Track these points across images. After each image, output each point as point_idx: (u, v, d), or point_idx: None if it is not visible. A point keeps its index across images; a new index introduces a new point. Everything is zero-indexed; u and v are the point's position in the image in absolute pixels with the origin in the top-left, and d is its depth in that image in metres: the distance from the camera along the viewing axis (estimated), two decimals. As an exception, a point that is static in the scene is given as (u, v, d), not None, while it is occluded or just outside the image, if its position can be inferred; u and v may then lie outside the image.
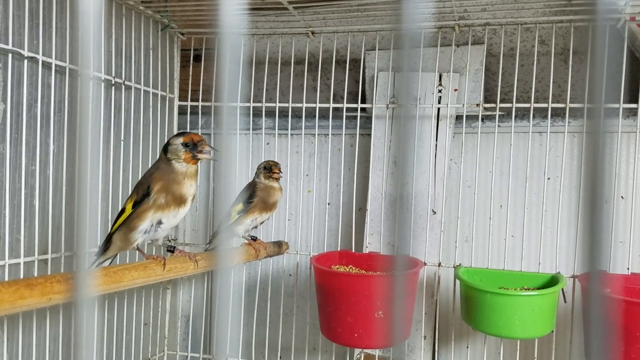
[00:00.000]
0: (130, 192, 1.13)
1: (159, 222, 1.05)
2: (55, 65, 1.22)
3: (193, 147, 1.03)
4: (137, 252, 1.08)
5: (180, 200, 1.04)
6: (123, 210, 1.07)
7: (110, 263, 1.16)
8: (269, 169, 1.37)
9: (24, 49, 1.14)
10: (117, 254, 1.14)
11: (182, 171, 1.04)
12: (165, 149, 1.07)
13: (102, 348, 1.41)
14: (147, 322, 1.59)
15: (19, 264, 1.16)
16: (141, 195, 1.04)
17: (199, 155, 1.04)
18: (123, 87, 1.44)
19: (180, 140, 1.04)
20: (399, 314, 0.36)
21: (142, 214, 1.02)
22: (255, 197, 1.33)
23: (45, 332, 1.23)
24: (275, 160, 1.41)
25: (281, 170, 1.39)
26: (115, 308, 1.45)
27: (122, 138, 1.45)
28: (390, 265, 0.34)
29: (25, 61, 1.15)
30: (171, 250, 1.13)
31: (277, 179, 1.37)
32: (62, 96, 1.25)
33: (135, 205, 1.04)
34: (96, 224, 0.34)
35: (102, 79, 1.36)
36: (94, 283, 0.33)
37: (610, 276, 1.34)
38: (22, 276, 1.16)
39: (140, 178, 1.12)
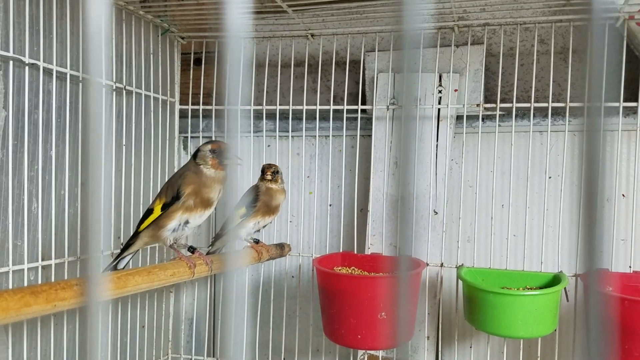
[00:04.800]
0: (153, 194, 1.20)
1: (186, 222, 1.12)
2: (56, 71, 1.22)
3: (220, 154, 1.11)
4: (170, 250, 1.17)
5: (207, 203, 1.13)
6: (151, 211, 1.13)
7: (132, 257, 1.23)
8: (263, 171, 1.37)
9: (24, 56, 1.14)
10: (139, 250, 1.22)
11: (212, 176, 1.13)
12: (195, 154, 1.15)
13: (107, 352, 1.41)
14: (151, 325, 1.59)
15: (22, 270, 1.16)
16: (170, 197, 1.11)
17: (225, 161, 1.12)
18: (124, 91, 1.44)
19: (209, 147, 1.13)
20: (403, 315, 0.36)
21: (172, 214, 1.11)
22: (258, 201, 1.33)
23: (50, 336, 1.23)
24: (271, 163, 1.39)
25: (277, 172, 1.37)
26: (119, 312, 1.46)
27: (124, 142, 1.45)
28: (393, 266, 0.35)
29: (26, 68, 1.16)
30: (192, 251, 1.19)
31: (270, 180, 1.35)
32: (63, 102, 1.26)
33: (165, 207, 1.11)
34: (99, 229, 0.34)
35: (104, 84, 1.36)
36: (104, 288, 0.33)
37: (612, 274, 1.34)
38: (25, 282, 1.17)
39: (167, 181, 1.19)
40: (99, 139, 0.32)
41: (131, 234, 1.47)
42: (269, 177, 1.35)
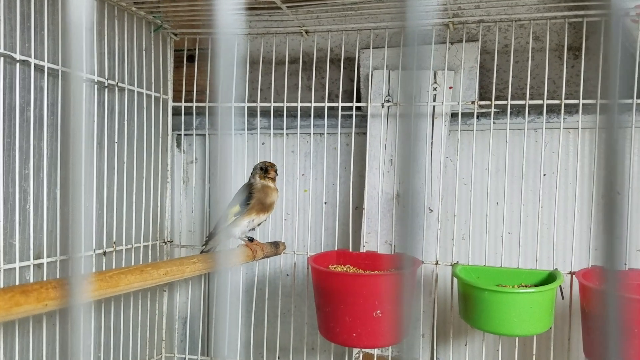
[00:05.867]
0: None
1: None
2: (48, 68, 1.21)
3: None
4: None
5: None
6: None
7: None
8: (265, 169, 1.36)
9: (15, 52, 1.13)
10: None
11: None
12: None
13: (100, 352, 1.40)
14: (144, 324, 1.58)
15: (14, 269, 1.15)
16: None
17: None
18: (116, 88, 1.43)
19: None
20: (407, 313, 0.36)
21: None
22: (253, 198, 1.32)
23: (42, 335, 1.22)
24: (271, 161, 1.40)
25: (277, 171, 1.38)
26: (112, 311, 1.45)
27: (116, 140, 1.44)
28: (391, 264, 0.34)
29: (17, 64, 1.14)
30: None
31: (273, 179, 1.37)
32: (55, 99, 1.24)
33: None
34: (90, 227, 0.33)
35: (95, 80, 1.35)
36: (89, 288, 0.33)
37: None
38: (17, 281, 1.15)
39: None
40: (80, 136, 0.32)
41: (124, 232, 1.46)
42: (271, 175, 1.36)
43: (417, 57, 0.32)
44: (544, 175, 1.49)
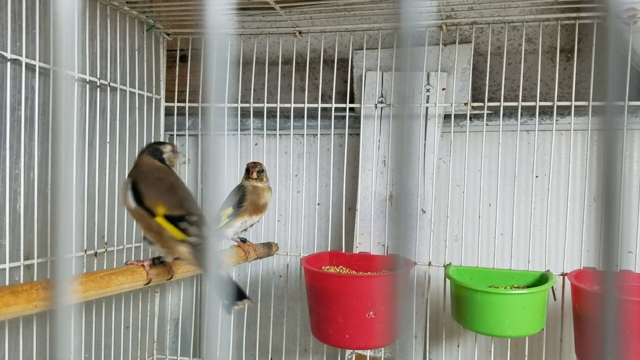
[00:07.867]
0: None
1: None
2: (39, 67, 1.20)
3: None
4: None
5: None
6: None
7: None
8: (247, 170, 1.35)
9: (6, 51, 1.12)
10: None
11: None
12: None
13: (91, 353, 1.39)
14: (136, 326, 1.57)
15: (4, 269, 1.14)
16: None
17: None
18: (108, 88, 1.42)
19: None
20: (399, 314, 0.36)
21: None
22: (246, 200, 1.31)
23: (32, 335, 1.21)
24: (256, 161, 1.38)
25: (263, 170, 1.36)
26: (103, 312, 1.44)
27: (108, 140, 1.43)
28: (388, 265, 0.34)
29: (8, 63, 1.13)
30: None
31: (257, 180, 1.34)
32: (46, 98, 1.23)
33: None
34: (81, 228, 0.33)
35: (87, 80, 1.34)
36: (74, 290, 0.32)
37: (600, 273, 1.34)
38: (7, 282, 1.14)
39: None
40: (67, 134, 0.31)
41: (115, 232, 1.45)
42: (254, 176, 1.34)
43: (411, 59, 0.32)
44: (536, 176, 1.49)
